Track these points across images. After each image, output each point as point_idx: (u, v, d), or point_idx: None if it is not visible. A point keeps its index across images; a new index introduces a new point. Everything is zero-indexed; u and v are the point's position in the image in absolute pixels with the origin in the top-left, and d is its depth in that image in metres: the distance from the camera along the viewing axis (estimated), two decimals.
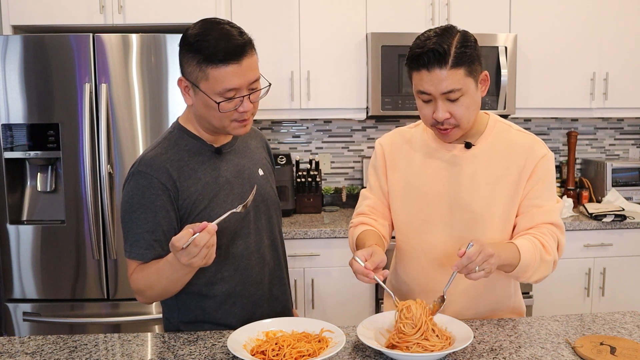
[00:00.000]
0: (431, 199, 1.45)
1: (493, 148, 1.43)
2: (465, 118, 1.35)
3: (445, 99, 1.31)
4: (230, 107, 1.27)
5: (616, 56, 3.11)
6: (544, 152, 1.42)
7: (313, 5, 2.96)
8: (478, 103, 1.37)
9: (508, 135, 1.45)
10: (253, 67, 1.28)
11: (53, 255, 2.49)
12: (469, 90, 1.32)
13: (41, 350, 1.26)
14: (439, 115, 1.33)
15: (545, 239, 1.37)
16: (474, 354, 1.21)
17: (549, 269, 1.37)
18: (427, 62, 1.29)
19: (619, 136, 3.61)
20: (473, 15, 3.01)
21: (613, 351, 1.20)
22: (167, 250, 1.25)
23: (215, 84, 1.24)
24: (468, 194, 1.42)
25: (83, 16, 2.60)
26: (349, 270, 1.35)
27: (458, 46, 1.29)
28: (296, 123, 3.39)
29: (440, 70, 1.28)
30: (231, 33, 1.25)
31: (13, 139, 2.45)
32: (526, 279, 1.36)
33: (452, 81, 1.29)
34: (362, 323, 1.29)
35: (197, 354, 1.23)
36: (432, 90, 1.31)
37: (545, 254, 1.35)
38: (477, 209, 1.41)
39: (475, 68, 1.32)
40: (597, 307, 2.94)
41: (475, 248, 1.20)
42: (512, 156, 1.42)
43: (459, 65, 1.28)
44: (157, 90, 2.44)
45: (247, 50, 1.25)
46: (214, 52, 1.22)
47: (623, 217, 2.86)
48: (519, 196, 1.41)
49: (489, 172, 1.42)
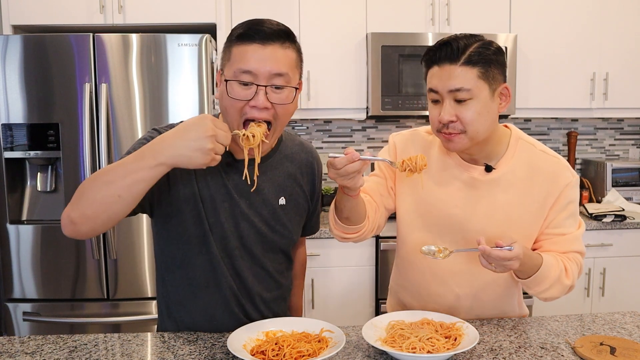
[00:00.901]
0: (443, 219, 1.37)
1: (514, 173, 1.34)
2: (474, 125, 1.24)
3: (452, 98, 1.23)
4: (241, 94, 1.17)
5: (616, 56, 3.11)
6: (569, 178, 1.33)
7: (313, 5, 2.96)
8: (493, 114, 1.26)
9: (531, 158, 1.35)
10: (279, 59, 1.17)
11: (53, 255, 2.49)
12: (481, 95, 1.23)
13: (41, 350, 1.26)
14: (443, 116, 1.24)
15: (569, 265, 1.33)
16: (474, 354, 1.21)
17: (562, 292, 1.33)
18: (439, 57, 1.23)
19: (619, 136, 3.61)
20: (473, 15, 3.01)
21: (613, 351, 1.19)
22: None
23: (234, 63, 1.17)
24: (484, 220, 1.34)
25: (83, 16, 2.60)
26: (349, 270, 1.34)
27: (477, 46, 1.22)
28: (296, 123, 3.39)
29: (451, 65, 1.22)
30: (271, 22, 1.19)
31: (13, 138, 2.45)
32: (536, 293, 1.32)
33: (461, 79, 1.21)
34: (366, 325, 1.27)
35: (197, 354, 1.23)
36: (439, 87, 1.24)
37: (565, 278, 1.32)
38: (491, 234, 1.32)
39: (492, 74, 1.23)
40: (597, 307, 2.94)
41: (511, 254, 1.18)
42: (535, 182, 1.33)
43: (472, 64, 1.21)
44: (157, 90, 2.44)
45: (277, 38, 1.17)
46: (242, 29, 1.18)
47: (623, 217, 2.86)
48: (539, 224, 1.35)
49: (508, 198, 1.33)
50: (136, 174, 1.09)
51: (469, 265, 1.39)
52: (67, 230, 1.16)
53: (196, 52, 2.44)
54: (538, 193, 1.33)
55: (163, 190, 1.27)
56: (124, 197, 1.10)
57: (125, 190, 1.10)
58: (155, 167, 1.09)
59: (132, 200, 1.12)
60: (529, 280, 1.30)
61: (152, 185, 1.13)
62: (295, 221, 1.41)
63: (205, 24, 2.65)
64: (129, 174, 1.09)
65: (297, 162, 1.40)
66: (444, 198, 1.37)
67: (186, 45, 2.43)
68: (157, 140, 1.11)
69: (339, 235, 1.41)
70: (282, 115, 1.22)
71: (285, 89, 1.20)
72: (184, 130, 1.09)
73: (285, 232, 1.38)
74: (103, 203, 1.10)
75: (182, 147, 1.07)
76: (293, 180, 1.39)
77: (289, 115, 1.25)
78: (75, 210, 1.13)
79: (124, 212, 1.14)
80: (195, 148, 1.07)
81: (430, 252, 1.31)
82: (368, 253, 2.76)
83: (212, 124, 1.09)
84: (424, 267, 1.43)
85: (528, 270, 1.28)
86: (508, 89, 1.28)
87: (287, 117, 1.25)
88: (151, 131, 1.27)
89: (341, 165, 1.15)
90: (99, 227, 1.15)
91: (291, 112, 1.24)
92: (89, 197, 1.12)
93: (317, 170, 1.47)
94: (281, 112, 1.21)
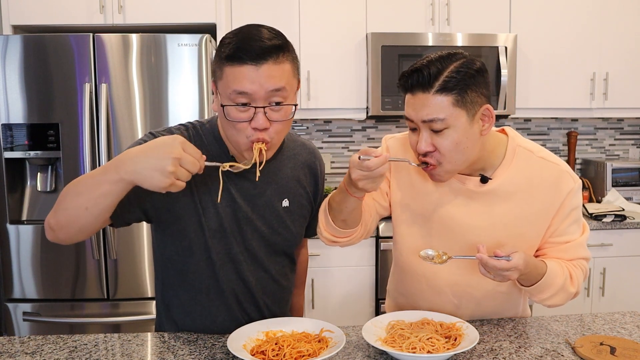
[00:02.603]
0: (440, 229, 1.34)
1: (512, 183, 1.28)
2: (452, 156, 1.18)
3: (428, 128, 1.18)
4: (241, 117, 1.13)
5: (616, 56, 3.11)
6: (571, 185, 1.28)
7: (313, 5, 2.96)
8: (473, 140, 1.19)
9: (530, 166, 1.29)
10: (274, 76, 1.11)
11: (53, 255, 2.49)
12: (458, 122, 1.16)
13: (41, 350, 1.26)
14: (420, 146, 1.19)
15: (574, 272, 1.30)
16: (474, 354, 1.21)
17: (567, 299, 1.30)
18: (411, 85, 1.18)
19: (619, 136, 3.61)
20: (473, 15, 3.01)
21: (613, 351, 1.19)
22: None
23: (227, 84, 1.12)
24: (481, 233, 1.30)
25: (83, 16, 2.60)
26: (349, 270, 1.33)
27: (453, 69, 1.15)
28: (296, 123, 3.39)
29: (424, 94, 1.15)
30: (260, 35, 1.11)
31: (13, 139, 2.45)
32: (540, 300, 1.29)
33: (434, 109, 1.15)
34: (366, 325, 1.27)
35: (197, 354, 1.23)
36: (413, 116, 1.19)
37: (570, 286, 1.29)
38: (491, 246, 1.27)
39: (470, 98, 1.16)
40: (597, 307, 2.94)
41: (509, 265, 1.15)
42: (535, 191, 1.28)
43: (445, 91, 1.14)
44: (157, 90, 2.44)
45: (269, 55, 1.10)
46: (232, 49, 1.10)
47: (623, 217, 2.86)
48: (542, 234, 1.31)
49: (506, 210, 1.29)
50: (101, 187, 1.07)
51: (467, 277, 1.35)
52: (49, 236, 1.17)
53: (196, 52, 2.44)
54: (540, 202, 1.28)
55: (161, 197, 1.22)
56: (91, 209, 1.08)
57: (91, 203, 1.08)
58: (117, 182, 1.05)
59: (99, 213, 1.10)
60: (533, 288, 1.27)
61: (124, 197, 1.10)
62: (298, 223, 1.39)
63: (205, 24, 2.65)
64: (95, 187, 1.07)
65: (299, 163, 1.39)
66: (440, 209, 1.33)
67: (186, 45, 2.43)
68: (124, 153, 1.08)
69: (327, 238, 1.36)
70: (282, 130, 1.19)
71: (284, 106, 1.16)
72: (150, 147, 1.04)
73: (288, 234, 1.36)
74: (73, 214, 1.10)
75: (143, 164, 1.02)
76: (296, 181, 1.37)
77: (287, 129, 1.23)
78: (53, 217, 1.13)
79: (93, 223, 1.12)
80: (155, 168, 1.01)
81: (428, 257, 1.28)
82: (368, 253, 2.76)
83: (181, 147, 1.03)
84: (419, 277, 1.40)
85: (532, 278, 1.25)
86: (490, 110, 1.20)
87: (285, 132, 1.22)
88: (147, 135, 1.24)
89: (375, 166, 1.12)
90: (75, 236, 1.15)
91: (289, 126, 1.22)
92: (62, 206, 1.12)
93: (319, 171, 1.45)
94: (280, 130, 1.18)
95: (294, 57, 1.18)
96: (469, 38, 2.94)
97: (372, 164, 1.11)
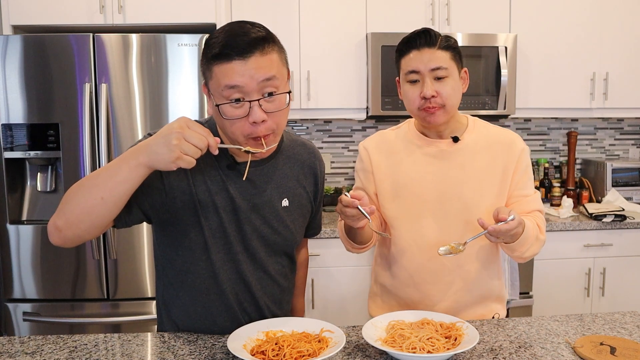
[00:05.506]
0: (421, 193, 1.50)
1: (477, 142, 1.51)
2: (451, 99, 1.43)
3: (433, 77, 1.42)
4: (237, 114, 1.13)
5: (616, 56, 3.11)
6: (522, 146, 1.53)
7: (313, 5, 2.96)
8: (460, 93, 1.47)
9: (489, 132, 1.54)
10: (263, 67, 1.12)
11: (53, 255, 2.49)
12: (454, 74, 1.44)
13: (41, 350, 1.26)
14: (427, 91, 1.41)
15: (539, 221, 1.49)
16: (474, 354, 1.21)
17: (540, 247, 1.47)
18: (419, 43, 1.43)
19: (619, 136, 3.61)
20: (473, 15, 3.01)
21: (613, 351, 1.20)
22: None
23: (218, 82, 1.13)
24: (458, 185, 1.48)
25: (83, 16, 2.60)
26: (349, 270, 1.35)
27: (444, 36, 1.46)
28: (296, 123, 3.39)
29: (430, 49, 1.42)
30: (244, 30, 1.13)
31: (13, 139, 2.45)
32: (520, 253, 1.43)
33: (440, 60, 1.42)
34: (366, 325, 1.28)
35: (197, 354, 1.23)
36: (421, 68, 1.42)
37: (540, 234, 1.46)
38: (467, 198, 1.47)
39: (458, 58, 1.46)
40: (597, 307, 2.94)
41: (516, 223, 1.29)
42: (495, 150, 1.51)
43: (445, 48, 1.43)
44: (157, 90, 2.44)
45: (255, 48, 1.11)
46: (218, 47, 1.12)
47: (623, 217, 2.86)
48: (507, 187, 1.50)
49: (476, 164, 1.49)
50: (119, 174, 1.10)
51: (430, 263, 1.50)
52: (54, 238, 1.17)
53: (196, 52, 2.44)
54: (500, 159, 1.50)
55: (159, 197, 1.24)
56: (107, 199, 1.11)
57: (107, 192, 1.11)
58: (136, 167, 1.10)
59: (114, 203, 1.12)
60: (516, 243, 1.38)
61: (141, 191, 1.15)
62: (298, 223, 1.40)
63: (205, 24, 2.65)
64: (113, 174, 1.11)
65: (299, 163, 1.40)
66: (418, 176, 1.50)
67: (186, 45, 2.44)
68: (139, 143, 1.14)
69: (347, 248, 1.57)
70: (280, 119, 1.19)
71: (277, 95, 1.16)
72: (160, 131, 1.11)
73: (288, 234, 1.37)
74: (86, 207, 1.12)
75: (154, 146, 1.08)
76: (296, 181, 1.38)
77: (286, 118, 1.23)
78: (61, 217, 1.14)
79: (107, 216, 1.14)
80: (162, 143, 1.07)
81: (447, 251, 1.37)
82: (368, 253, 2.75)
83: (185, 123, 1.09)
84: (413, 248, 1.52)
85: (518, 233, 1.36)
86: (466, 72, 1.50)
87: (285, 121, 1.22)
88: (146, 136, 1.24)
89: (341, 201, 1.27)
90: (84, 234, 1.15)
91: (287, 115, 1.22)
92: (73, 203, 1.13)
93: (319, 171, 1.45)
94: (278, 120, 1.18)
95: (280, 47, 1.20)
96: (469, 38, 2.94)
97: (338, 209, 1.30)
